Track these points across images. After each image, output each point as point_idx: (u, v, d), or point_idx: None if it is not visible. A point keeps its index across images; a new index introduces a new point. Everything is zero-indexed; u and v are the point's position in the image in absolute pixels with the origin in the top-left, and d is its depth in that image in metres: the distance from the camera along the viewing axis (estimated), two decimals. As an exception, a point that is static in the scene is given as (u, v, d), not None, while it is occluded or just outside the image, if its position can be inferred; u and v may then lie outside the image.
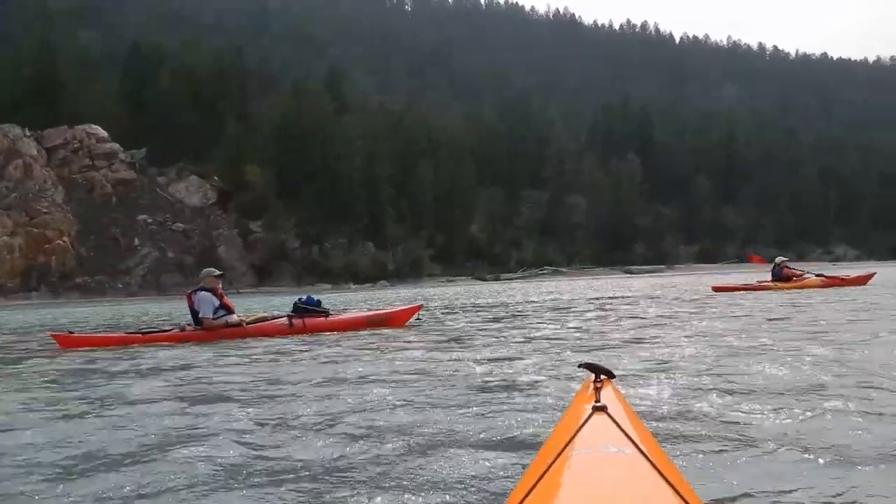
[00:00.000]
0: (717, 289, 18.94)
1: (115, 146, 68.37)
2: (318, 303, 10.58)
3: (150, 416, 4.24)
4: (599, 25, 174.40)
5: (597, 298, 19.31)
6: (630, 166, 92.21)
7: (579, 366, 2.17)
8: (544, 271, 74.15)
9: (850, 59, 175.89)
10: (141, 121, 70.36)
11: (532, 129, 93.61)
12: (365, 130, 74.05)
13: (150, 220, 65.65)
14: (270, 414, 4.10)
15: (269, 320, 10.17)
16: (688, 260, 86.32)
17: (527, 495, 1.38)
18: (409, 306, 11.84)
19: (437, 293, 34.59)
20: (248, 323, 9.93)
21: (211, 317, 9.79)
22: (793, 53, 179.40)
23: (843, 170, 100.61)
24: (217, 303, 9.87)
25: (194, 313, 9.93)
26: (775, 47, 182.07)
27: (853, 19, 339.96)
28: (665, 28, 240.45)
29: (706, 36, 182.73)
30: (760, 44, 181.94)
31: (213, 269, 10.52)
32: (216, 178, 69.96)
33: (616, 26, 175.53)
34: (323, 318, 10.27)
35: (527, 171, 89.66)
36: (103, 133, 67.84)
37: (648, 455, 1.49)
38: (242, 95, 77.31)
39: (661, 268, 78.01)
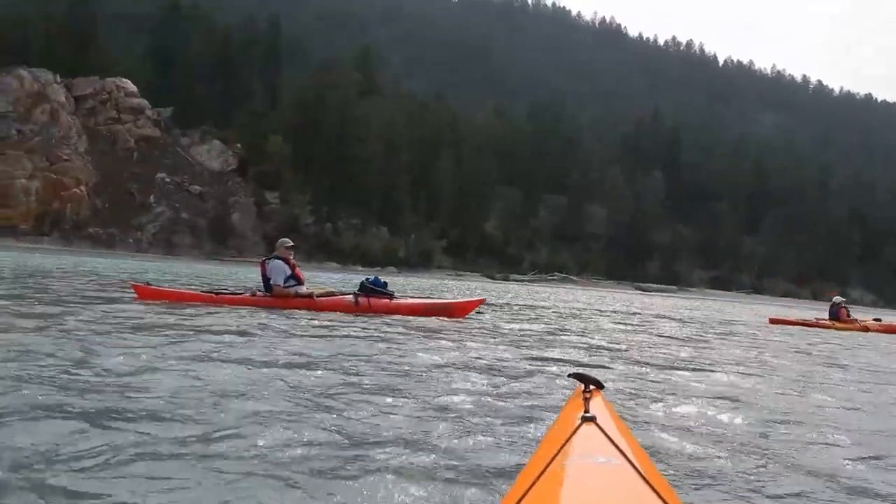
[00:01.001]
0: (773, 321, 18.54)
1: (143, 102, 68.64)
2: (385, 284, 10.74)
3: (223, 373, 4.43)
4: (644, 39, 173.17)
5: (627, 313, 18.76)
6: (654, 182, 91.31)
7: (569, 375, 2.17)
8: (554, 277, 73.70)
9: (895, 103, 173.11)
10: (171, 80, 70.62)
11: (560, 132, 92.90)
12: (390, 115, 73.82)
13: (167, 180, 65.86)
14: (329, 385, 4.25)
15: (336, 296, 10.39)
16: (701, 284, 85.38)
17: None
18: (472, 299, 11.98)
19: (452, 287, 34.33)
20: (317, 296, 10.15)
21: (282, 285, 10.03)
22: (836, 90, 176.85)
23: (871, 212, 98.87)
24: (289, 272, 10.16)
25: (266, 280, 10.16)
26: (819, 82, 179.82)
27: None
28: (710, 49, 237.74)
29: (750, 62, 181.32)
30: (805, 76, 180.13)
31: (287, 240, 10.65)
32: (239, 145, 70.03)
33: (661, 42, 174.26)
34: (388, 301, 10.37)
35: (550, 175, 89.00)
36: (132, 87, 68.12)
37: (637, 466, 1.49)
38: (274, 66, 77.24)
39: (672, 288, 77.19)
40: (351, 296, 10.24)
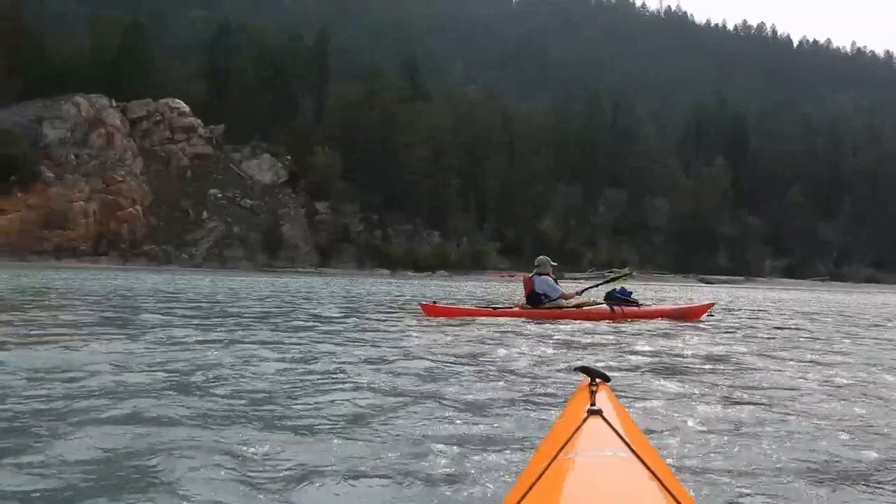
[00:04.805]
0: None
1: (196, 121, 70.32)
2: (629, 294, 11.66)
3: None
4: (712, 25, 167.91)
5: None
6: (718, 170, 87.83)
7: (574, 369, 2.18)
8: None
9: None
10: (223, 97, 72.20)
11: (618, 125, 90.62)
12: (438, 119, 73.44)
13: (220, 195, 67.22)
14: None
15: (591, 306, 11.38)
16: (772, 274, 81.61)
17: (522, 499, 1.40)
18: (705, 304, 12.83)
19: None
20: (575, 306, 11.18)
21: (555, 297, 11.10)
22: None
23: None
24: (556, 286, 11.29)
25: (530, 294, 11.20)
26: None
27: None
28: (783, 31, 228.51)
29: (828, 41, 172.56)
30: (887, 51, 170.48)
31: (547, 258, 11.61)
32: (289, 157, 70.96)
33: (730, 27, 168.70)
34: (636, 308, 11.38)
35: (609, 169, 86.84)
36: (185, 108, 69.88)
37: (643, 458, 1.50)
38: (322, 78, 77.99)
39: (739, 279, 73.96)
40: (605, 305, 11.20)
